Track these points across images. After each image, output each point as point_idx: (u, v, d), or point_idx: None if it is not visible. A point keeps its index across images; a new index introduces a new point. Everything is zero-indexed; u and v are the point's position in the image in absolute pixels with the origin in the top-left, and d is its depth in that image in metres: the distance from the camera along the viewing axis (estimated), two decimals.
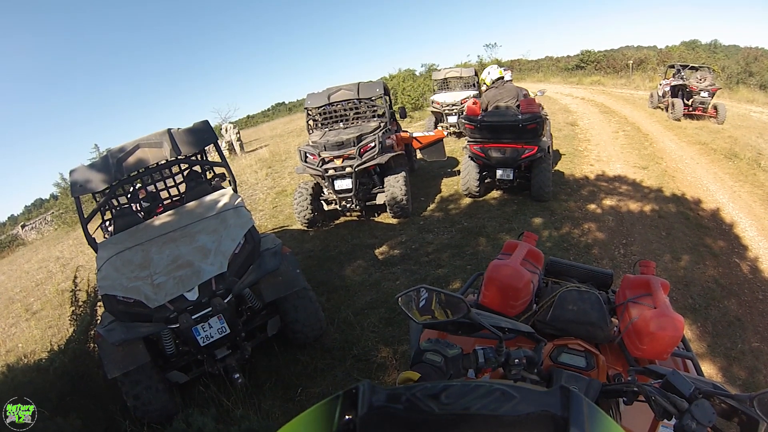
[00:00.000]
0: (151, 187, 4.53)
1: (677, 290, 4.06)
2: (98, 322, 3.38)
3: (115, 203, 4.15)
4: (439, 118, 10.60)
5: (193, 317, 2.70)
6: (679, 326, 1.32)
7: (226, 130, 16.12)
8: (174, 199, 4.47)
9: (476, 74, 10.86)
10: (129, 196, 4.39)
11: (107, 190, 3.62)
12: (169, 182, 4.60)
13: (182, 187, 4.41)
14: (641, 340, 1.36)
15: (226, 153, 14.46)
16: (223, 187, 3.81)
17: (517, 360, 1.06)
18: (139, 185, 4.62)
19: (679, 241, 4.96)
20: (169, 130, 3.56)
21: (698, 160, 8.05)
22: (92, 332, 3.50)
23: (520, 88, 6.11)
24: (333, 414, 0.56)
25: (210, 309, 2.74)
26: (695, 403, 0.91)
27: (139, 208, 4.29)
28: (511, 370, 1.06)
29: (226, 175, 3.89)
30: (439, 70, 12.48)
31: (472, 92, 10.17)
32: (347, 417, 0.54)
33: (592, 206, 5.89)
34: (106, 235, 3.97)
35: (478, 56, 34.28)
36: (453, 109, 10.08)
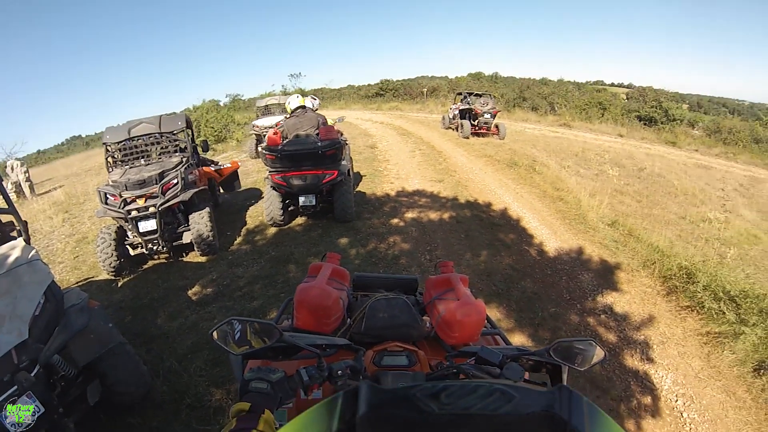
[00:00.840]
0: None
1: (481, 281, 4.85)
2: None
3: None
4: (259, 139, 12.54)
5: None
6: (481, 310, 1.65)
7: (12, 169, 14.33)
8: None
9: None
10: None
11: None
12: None
13: None
14: (452, 329, 1.65)
15: (12, 196, 12.44)
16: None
17: (340, 371, 1.22)
18: None
19: (477, 240, 5.96)
20: None
21: (486, 170, 9.94)
22: None
23: (320, 115, 6.81)
24: (333, 414, 0.58)
25: (16, 388, 2.50)
26: (506, 367, 1.19)
27: None
28: (337, 382, 1.22)
29: (15, 223, 3.55)
30: (263, 98, 15.54)
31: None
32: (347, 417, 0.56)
33: (396, 220, 6.65)
34: None
35: (283, 85, 36.42)
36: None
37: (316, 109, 7.32)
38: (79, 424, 3.02)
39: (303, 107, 6.77)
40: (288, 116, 6.87)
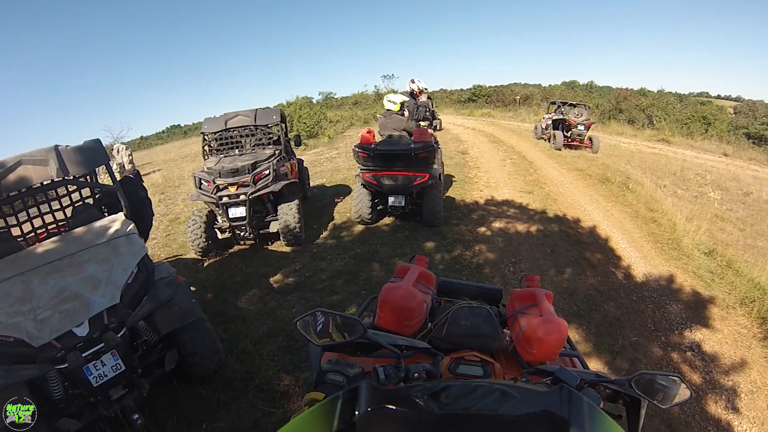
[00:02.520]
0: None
1: (563, 300, 4.67)
2: None
3: None
4: None
5: (83, 355, 2.64)
6: (563, 330, 1.57)
7: (118, 151, 15.53)
8: (60, 224, 4.30)
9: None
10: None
11: None
12: (54, 205, 4.37)
13: (68, 211, 4.28)
14: (531, 345, 1.58)
15: (117, 176, 14.32)
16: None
17: (416, 374, 1.19)
18: None
19: (563, 257, 5.74)
20: (56, 146, 3.44)
21: (576, 185, 9.50)
22: None
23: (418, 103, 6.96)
24: (333, 414, 0.61)
25: (102, 345, 2.71)
26: (582, 392, 1.12)
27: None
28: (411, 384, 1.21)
29: (120, 199, 3.87)
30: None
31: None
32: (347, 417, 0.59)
33: (482, 229, 6.56)
34: None
35: (375, 86, 36.87)
36: None
37: (423, 90, 7.28)
38: (154, 386, 3.19)
39: (390, 110, 6.89)
40: (382, 114, 6.99)
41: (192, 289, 4.18)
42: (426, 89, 7.42)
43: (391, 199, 6.35)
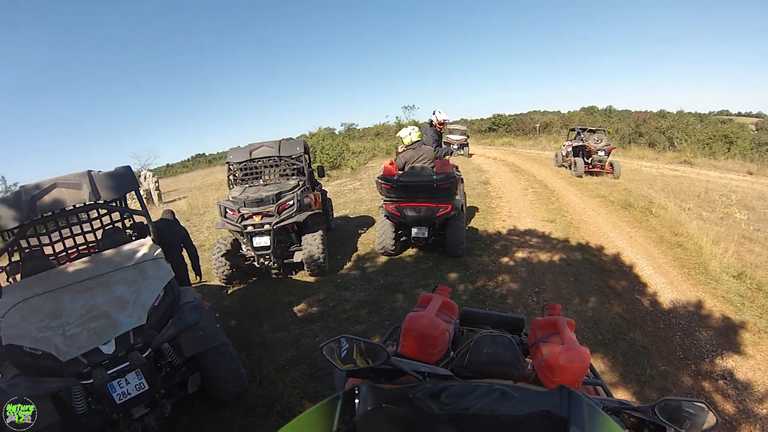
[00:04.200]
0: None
1: (587, 329, 4.59)
2: None
3: (25, 245, 4.02)
4: None
5: (108, 372, 2.70)
6: (585, 358, 1.53)
7: (145, 178, 16.08)
8: (90, 245, 4.44)
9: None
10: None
11: (17, 230, 3.53)
12: (86, 227, 4.54)
13: (99, 234, 4.41)
14: (553, 373, 1.55)
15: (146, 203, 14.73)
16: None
17: None
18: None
19: (586, 285, 5.64)
20: (89, 171, 3.61)
21: (599, 211, 9.37)
22: None
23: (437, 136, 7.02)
24: (333, 414, 0.61)
25: (127, 363, 2.77)
26: None
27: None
28: None
29: (147, 224, 3.96)
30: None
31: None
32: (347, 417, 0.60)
33: (505, 259, 6.52)
34: (11, 280, 3.86)
35: (397, 117, 37.26)
36: None
37: (443, 122, 7.32)
38: (176, 407, 3.23)
39: (419, 141, 6.80)
40: (405, 149, 6.87)
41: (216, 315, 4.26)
42: (447, 120, 7.48)
43: (414, 231, 6.35)
